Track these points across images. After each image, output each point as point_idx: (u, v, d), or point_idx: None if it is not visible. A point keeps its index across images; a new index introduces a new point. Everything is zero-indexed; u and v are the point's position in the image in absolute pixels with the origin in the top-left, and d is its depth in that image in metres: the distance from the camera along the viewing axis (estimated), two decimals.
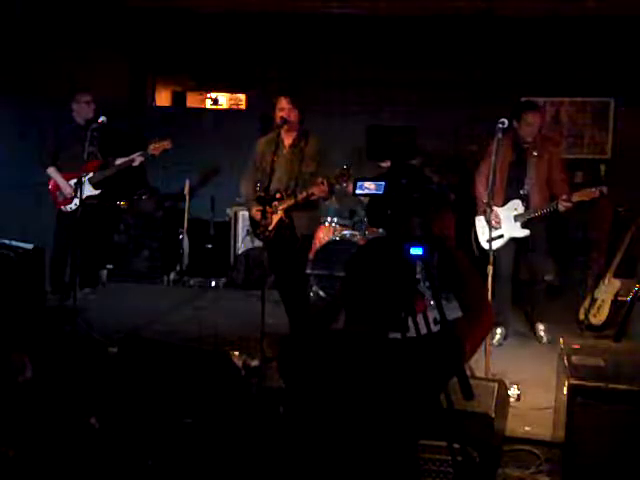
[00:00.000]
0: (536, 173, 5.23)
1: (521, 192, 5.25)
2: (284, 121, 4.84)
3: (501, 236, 5.27)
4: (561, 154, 5.64)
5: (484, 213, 5.10)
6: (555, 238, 5.59)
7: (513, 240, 5.32)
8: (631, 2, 6.23)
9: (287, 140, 4.98)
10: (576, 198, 5.05)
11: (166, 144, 6.16)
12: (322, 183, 4.71)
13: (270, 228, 4.86)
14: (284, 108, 4.84)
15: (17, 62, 6.79)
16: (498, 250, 5.24)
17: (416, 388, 2.00)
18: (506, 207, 5.28)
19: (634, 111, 7.18)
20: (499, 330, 5.41)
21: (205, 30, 7.65)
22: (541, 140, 5.32)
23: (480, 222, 5.34)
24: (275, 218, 4.88)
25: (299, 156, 4.93)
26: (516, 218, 5.25)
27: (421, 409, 2.05)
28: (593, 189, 5.02)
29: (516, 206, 5.27)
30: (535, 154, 5.22)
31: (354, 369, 2.03)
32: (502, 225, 5.26)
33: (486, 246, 5.13)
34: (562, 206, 5.06)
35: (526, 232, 5.25)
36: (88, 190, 6.03)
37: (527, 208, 5.24)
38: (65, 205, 6.23)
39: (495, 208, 5.20)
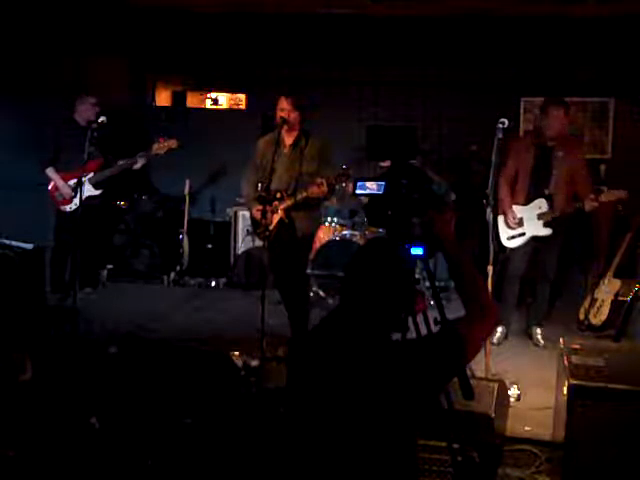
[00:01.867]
0: (560, 173, 5.22)
1: (546, 192, 5.24)
2: (283, 121, 4.85)
3: (523, 234, 5.28)
4: (584, 154, 5.66)
5: (503, 214, 5.22)
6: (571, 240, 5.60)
7: (533, 239, 5.32)
8: (631, 3, 6.23)
9: (288, 140, 4.98)
10: (604, 199, 5.07)
11: (172, 143, 6.13)
12: (321, 184, 4.71)
13: (271, 228, 4.86)
14: (284, 109, 4.85)
15: (17, 62, 6.79)
16: (516, 249, 5.29)
17: (417, 388, 2.00)
18: (530, 206, 5.27)
19: (634, 111, 7.18)
20: (499, 329, 5.41)
21: (205, 30, 7.64)
22: (566, 140, 5.33)
23: (502, 220, 5.37)
24: (275, 218, 4.89)
25: (299, 156, 4.93)
26: (539, 217, 5.25)
27: (421, 409, 2.05)
28: (622, 191, 5.08)
29: (540, 205, 5.25)
30: (560, 154, 5.22)
31: (354, 369, 2.03)
32: (525, 224, 5.28)
33: (506, 244, 5.26)
34: (589, 206, 5.08)
35: (549, 231, 5.24)
36: (88, 190, 6.03)
37: (551, 207, 5.24)
38: (64, 205, 6.23)
39: (515, 207, 5.29)
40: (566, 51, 7.13)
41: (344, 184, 4.80)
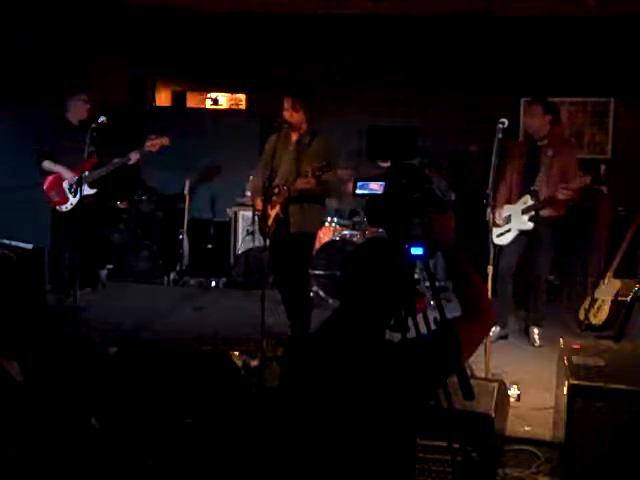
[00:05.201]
0: (548, 172, 5.23)
1: (532, 188, 5.27)
2: (284, 122, 4.91)
3: (509, 230, 5.30)
4: (576, 155, 5.65)
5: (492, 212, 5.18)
6: (560, 239, 5.59)
7: (522, 237, 5.32)
8: (631, 2, 6.23)
9: (294, 137, 5.04)
10: (572, 186, 5.05)
11: (164, 140, 6.14)
12: (305, 176, 4.77)
13: (269, 223, 4.90)
14: (287, 109, 4.91)
15: (16, 63, 6.78)
16: (506, 247, 5.31)
17: (412, 387, 2.00)
18: (517, 203, 5.32)
19: (634, 111, 7.18)
20: (494, 328, 5.39)
21: (205, 30, 7.65)
22: (556, 141, 5.34)
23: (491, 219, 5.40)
24: (273, 213, 4.92)
25: (303, 153, 4.96)
26: (524, 211, 5.28)
27: (420, 409, 2.05)
28: (587, 177, 5.09)
29: (526, 200, 5.29)
30: (550, 153, 5.24)
31: (350, 369, 2.03)
32: (511, 220, 5.31)
33: (497, 241, 5.29)
34: (561, 194, 5.06)
35: (531, 225, 5.26)
36: (84, 189, 6.01)
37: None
38: (60, 205, 6.21)
39: (506, 206, 5.34)
40: (566, 51, 7.13)
41: (323, 173, 4.76)
